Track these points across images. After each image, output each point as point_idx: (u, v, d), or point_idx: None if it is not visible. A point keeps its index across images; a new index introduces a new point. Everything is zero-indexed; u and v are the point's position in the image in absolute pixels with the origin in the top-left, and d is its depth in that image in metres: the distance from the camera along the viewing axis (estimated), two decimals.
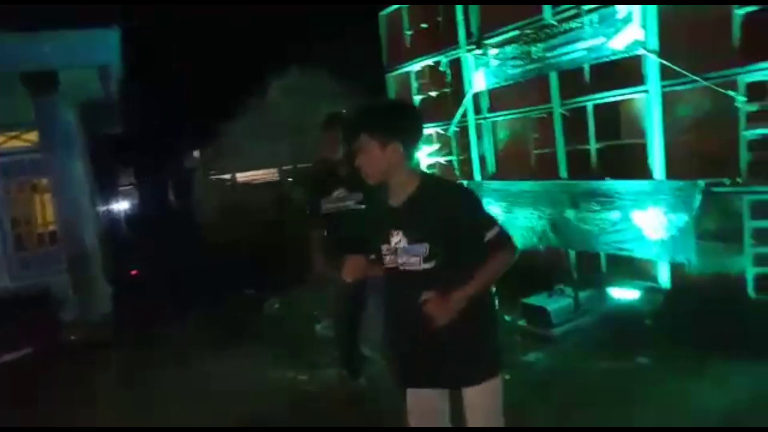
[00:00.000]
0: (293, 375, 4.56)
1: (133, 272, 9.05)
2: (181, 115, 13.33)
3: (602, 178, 5.14)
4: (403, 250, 2.08)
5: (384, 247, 2.14)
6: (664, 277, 4.73)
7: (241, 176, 16.17)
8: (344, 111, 3.82)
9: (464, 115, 6.73)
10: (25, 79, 5.63)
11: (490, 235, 2.04)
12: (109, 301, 6.82)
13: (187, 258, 9.20)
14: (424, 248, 2.03)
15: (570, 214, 5.26)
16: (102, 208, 10.90)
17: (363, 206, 3.36)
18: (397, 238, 2.08)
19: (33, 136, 7.03)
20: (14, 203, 7.47)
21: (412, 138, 2.11)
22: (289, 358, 4.86)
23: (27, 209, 7.63)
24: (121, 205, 15.95)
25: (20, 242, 7.49)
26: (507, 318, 5.31)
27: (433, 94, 7.62)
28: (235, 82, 13.85)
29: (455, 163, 7.37)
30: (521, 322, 5.16)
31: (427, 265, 2.03)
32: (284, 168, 15.63)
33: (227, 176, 15.98)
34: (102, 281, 6.93)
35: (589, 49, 5.00)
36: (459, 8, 6.50)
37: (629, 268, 5.29)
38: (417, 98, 7.78)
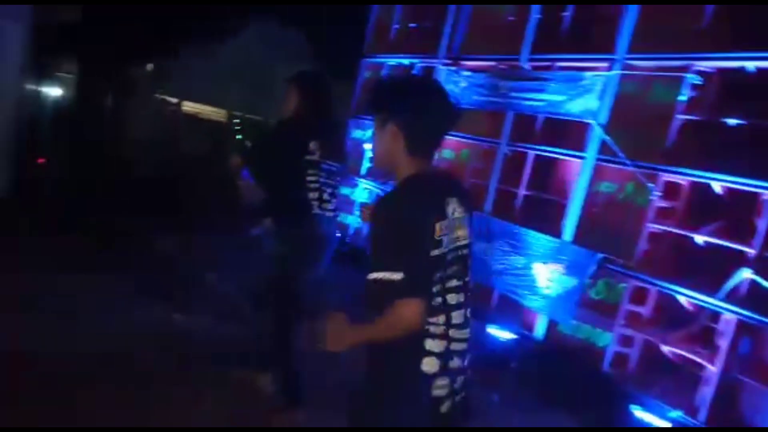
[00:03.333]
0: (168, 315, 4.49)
1: (40, 159, 8.61)
2: (147, 23, 12.69)
3: (518, 223, 5.41)
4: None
5: None
6: (539, 329, 5.04)
7: (188, 105, 15.69)
8: (315, 72, 3.66)
9: None
10: None
11: (374, 275, 1.65)
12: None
13: (98, 168, 8.83)
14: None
15: (480, 247, 5.49)
16: (34, 89, 10.27)
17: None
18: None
19: None
20: None
21: (414, 121, 1.76)
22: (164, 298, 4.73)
23: None
24: (54, 91, 15.02)
25: None
26: None
27: None
28: (207, 15, 13.37)
29: None
30: None
31: (368, 276, 1.69)
32: (233, 112, 15.31)
33: (174, 100, 15.46)
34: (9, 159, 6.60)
35: (548, 103, 5.24)
36: (450, 20, 6.64)
37: (514, 312, 5.59)
38: None
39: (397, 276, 1.60)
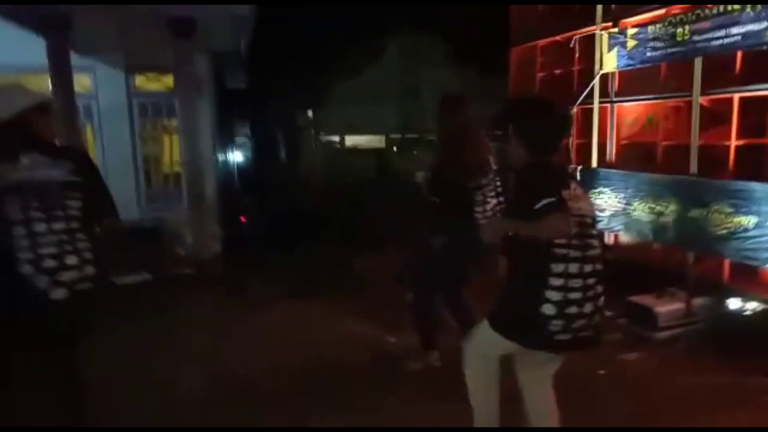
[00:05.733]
0: (377, 333, 4.67)
1: (242, 218, 9.57)
2: (300, 74, 13.71)
3: (740, 178, 4.70)
4: None
5: None
6: None
7: (350, 140, 16.50)
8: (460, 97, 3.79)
9: (589, 97, 6.37)
10: (169, 23, 6.00)
11: None
12: (218, 242, 7.30)
13: (291, 212, 9.62)
14: None
15: (696, 213, 4.87)
16: (221, 156, 11.55)
17: None
18: None
19: (169, 79, 7.55)
20: (146, 142, 8.09)
21: (531, 134, 2.37)
22: (374, 318, 4.97)
23: (157, 149, 8.24)
24: (237, 156, 16.84)
25: (149, 179, 8.13)
26: (608, 314, 5.08)
27: (557, 72, 7.29)
28: (354, 45, 13.99)
29: (570, 147, 7.05)
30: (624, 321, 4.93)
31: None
32: (392, 136, 15.75)
33: (336, 138, 16.37)
34: (214, 223, 7.41)
35: (744, 35, 4.52)
36: None
37: (756, 281, 4.84)
38: (539, 75, 7.49)
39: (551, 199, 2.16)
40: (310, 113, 15.89)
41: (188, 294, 5.87)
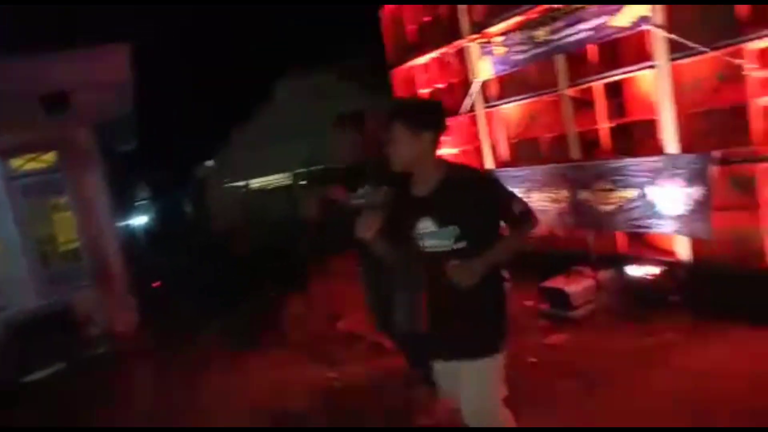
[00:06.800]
0: (322, 372, 4.65)
1: (155, 284, 9.20)
2: (192, 126, 13.47)
3: (615, 158, 5.14)
4: (430, 235, 2.30)
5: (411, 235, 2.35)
6: (683, 252, 4.71)
7: (255, 182, 16.30)
8: (355, 112, 3.70)
9: (473, 105, 6.74)
10: (41, 100, 5.74)
11: (518, 208, 2.32)
12: (135, 313, 6.96)
13: (205, 266, 9.35)
14: (455, 230, 2.25)
15: (585, 194, 5.26)
16: (121, 224, 11.06)
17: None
18: (424, 225, 2.31)
19: (51, 156, 7.18)
20: (36, 223, 7.61)
21: (438, 130, 2.35)
22: (315, 356, 4.95)
23: (49, 228, 7.77)
24: (139, 220, 16.17)
25: (45, 260, 7.63)
26: (528, 302, 5.36)
27: (440, 86, 7.65)
28: (241, 90, 13.97)
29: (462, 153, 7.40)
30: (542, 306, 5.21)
31: (458, 245, 2.26)
32: (297, 172, 15.73)
33: (241, 183, 16.12)
34: (126, 294, 7.07)
35: (594, 28, 4.99)
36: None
37: (648, 245, 5.29)
38: (424, 91, 7.81)
39: (523, 201, 2.39)
40: (210, 163, 15.60)
41: (107, 375, 5.56)
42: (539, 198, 5.78)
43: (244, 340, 5.74)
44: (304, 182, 15.26)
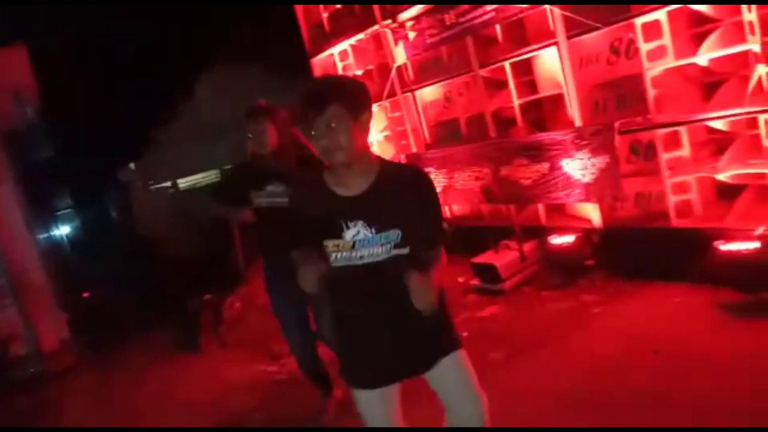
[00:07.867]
0: (263, 368, 4.67)
1: (85, 294, 8.87)
2: (109, 130, 12.92)
3: (529, 134, 5.37)
4: (364, 242, 1.92)
5: (332, 243, 1.94)
6: (596, 218, 5.01)
7: (183, 182, 15.85)
8: (265, 100, 3.50)
9: (392, 90, 6.83)
10: None
11: (441, 227, 2.12)
12: (65, 327, 6.70)
13: (136, 272, 9.05)
14: (395, 235, 1.92)
15: (505, 170, 5.47)
16: (42, 235, 10.54)
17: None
18: (355, 230, 1.92)
19: None
20: None
21: (371, 112, 1.98)
22: (256, 352, 4.95)
23: None
24: (62, 230, 15.43)
25: None
26: (460, 279, 5.55)
27: (359, 72, 7.68)
28: (158, 89, 13.50)
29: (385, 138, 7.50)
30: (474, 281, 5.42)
31: (397, 252, 1.93)
32: (225, 168, 15.41)
33: (168, 184, 15.62)
34: (54, 308, 6.78)
35: (496, 9, 5.15)
36: None
37: (566, 215, 5.57)
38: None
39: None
40: (132, 165, 15.00)
41: (39, 395, 5.36)
42: (463, 177, 5.96)
43: (183, 344, 5.67)
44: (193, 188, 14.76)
